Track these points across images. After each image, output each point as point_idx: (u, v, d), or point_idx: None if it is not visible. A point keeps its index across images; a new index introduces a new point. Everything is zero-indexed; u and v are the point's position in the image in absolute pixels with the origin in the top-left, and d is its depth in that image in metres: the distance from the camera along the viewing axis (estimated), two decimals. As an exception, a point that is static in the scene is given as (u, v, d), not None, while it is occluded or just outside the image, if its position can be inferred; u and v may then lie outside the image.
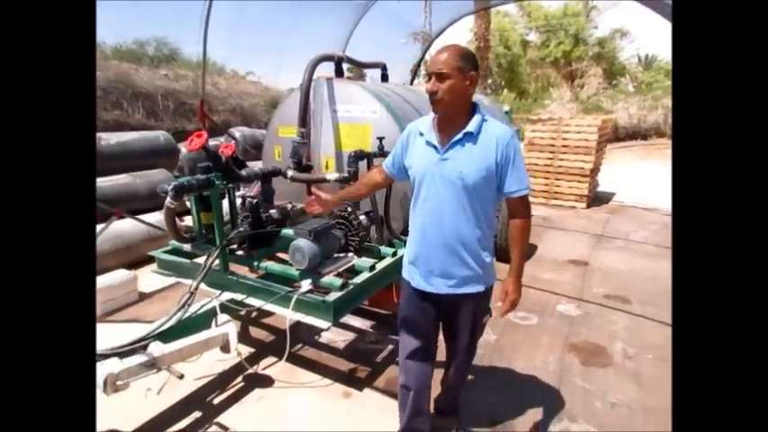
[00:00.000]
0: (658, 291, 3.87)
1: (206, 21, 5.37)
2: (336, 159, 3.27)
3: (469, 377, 2.27)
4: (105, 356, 1.93)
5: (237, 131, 6.74)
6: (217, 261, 2.49)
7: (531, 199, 1.79)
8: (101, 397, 1.68)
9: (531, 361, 2.83)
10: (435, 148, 1.73)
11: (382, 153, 2.85)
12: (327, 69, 3.38)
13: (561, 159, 7.19)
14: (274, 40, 8.88)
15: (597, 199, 7.64)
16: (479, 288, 1.80)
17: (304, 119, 3.11)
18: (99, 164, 4.60)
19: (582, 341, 3.08)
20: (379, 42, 8.46)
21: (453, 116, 1.71)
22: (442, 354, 2.05)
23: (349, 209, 2.72)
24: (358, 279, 2.42)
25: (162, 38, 11.36)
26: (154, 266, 2.85)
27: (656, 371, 2.74)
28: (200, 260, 2.58)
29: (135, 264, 4.05)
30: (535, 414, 2.34)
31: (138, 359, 1.97)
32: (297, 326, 3.14)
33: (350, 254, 2.65)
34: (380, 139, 2.92)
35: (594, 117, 7.69)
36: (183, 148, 5.63)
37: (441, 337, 2.01)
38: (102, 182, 4.53)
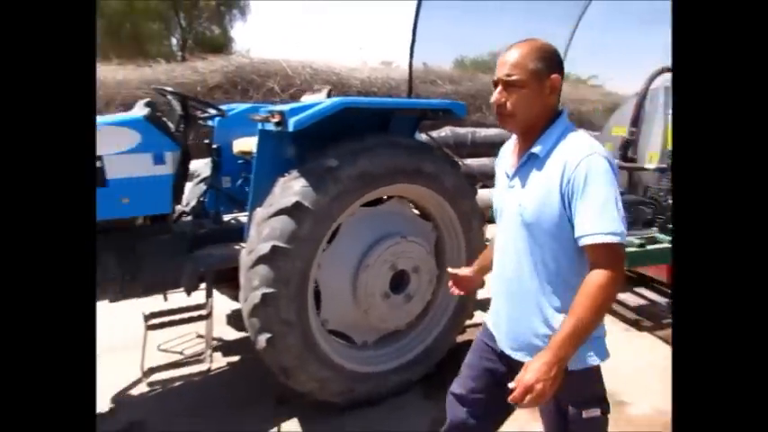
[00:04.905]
0: None
1: (413, 30, 4.89)
2: (661, 156, 3.86)
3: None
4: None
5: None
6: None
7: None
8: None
9: None
10: (507, 174, 1.36)
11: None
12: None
13: None
14: (621, 44, 9.22)
15: None
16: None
17: (636, 120, 3.86)
18: (470, 149, 6.69)
19: None
20: None
21: (531, 133, 1.28)
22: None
23: (661, 193, 3.37)
24: (654, 246, 3.12)
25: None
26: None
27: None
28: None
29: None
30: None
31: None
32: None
33: (654, 228, 3.34)
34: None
35: None
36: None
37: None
38: (471, 162, 6.54)
